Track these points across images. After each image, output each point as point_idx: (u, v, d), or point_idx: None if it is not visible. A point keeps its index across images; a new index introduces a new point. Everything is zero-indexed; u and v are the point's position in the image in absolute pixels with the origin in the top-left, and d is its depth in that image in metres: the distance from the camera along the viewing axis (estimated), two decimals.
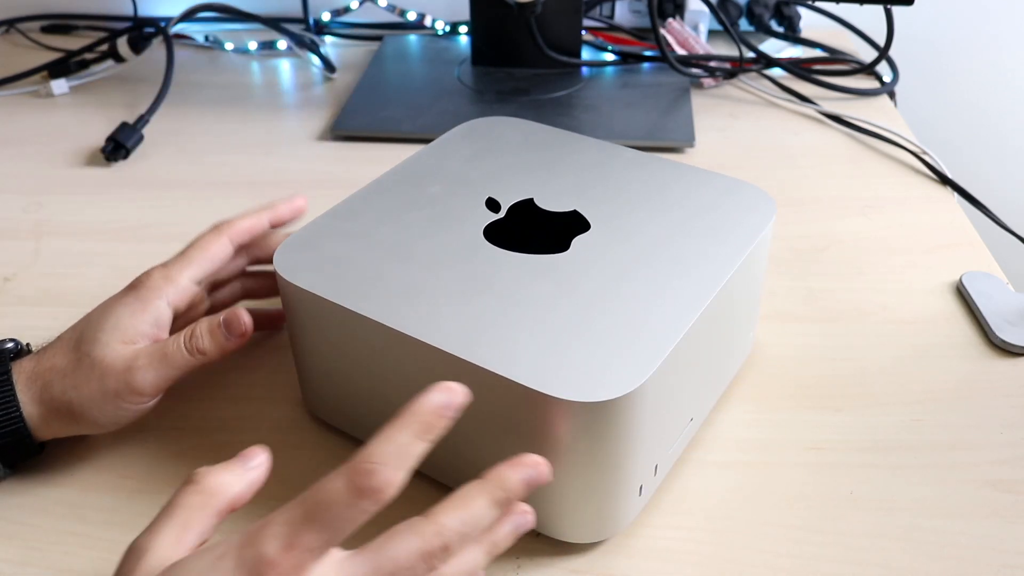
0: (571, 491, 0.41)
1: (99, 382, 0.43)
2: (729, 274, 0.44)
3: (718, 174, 0.52)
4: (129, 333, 0.45)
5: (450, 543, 0.34)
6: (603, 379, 0.38)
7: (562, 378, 0.38)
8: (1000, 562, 0.43)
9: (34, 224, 0.69)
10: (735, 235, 0.47)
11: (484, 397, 0.39)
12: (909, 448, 0.49)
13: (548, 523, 0.43)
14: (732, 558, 0.43)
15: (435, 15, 1.00)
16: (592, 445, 0.39)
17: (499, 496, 0.36)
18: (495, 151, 0.55)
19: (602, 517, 0.42)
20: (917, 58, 1.04)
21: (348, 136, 0.80)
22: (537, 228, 0.49)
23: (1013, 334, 0.56)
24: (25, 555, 0.44)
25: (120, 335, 0.44)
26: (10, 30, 1.02)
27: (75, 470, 0.48)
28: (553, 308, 0.42)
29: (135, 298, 0.46)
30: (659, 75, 0.90)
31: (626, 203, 0.50)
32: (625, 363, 0.38)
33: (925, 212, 0.70)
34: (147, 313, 0.45)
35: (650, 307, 0.42)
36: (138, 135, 0.77)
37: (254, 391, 0.53)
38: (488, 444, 0.41)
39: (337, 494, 0.32)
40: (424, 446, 0.34)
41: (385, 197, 0.50)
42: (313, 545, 0.32)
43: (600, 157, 0.54)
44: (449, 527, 0.34)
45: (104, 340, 0.44)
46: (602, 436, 0.38)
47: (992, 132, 1.13)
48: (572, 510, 0.42)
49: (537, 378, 0.38)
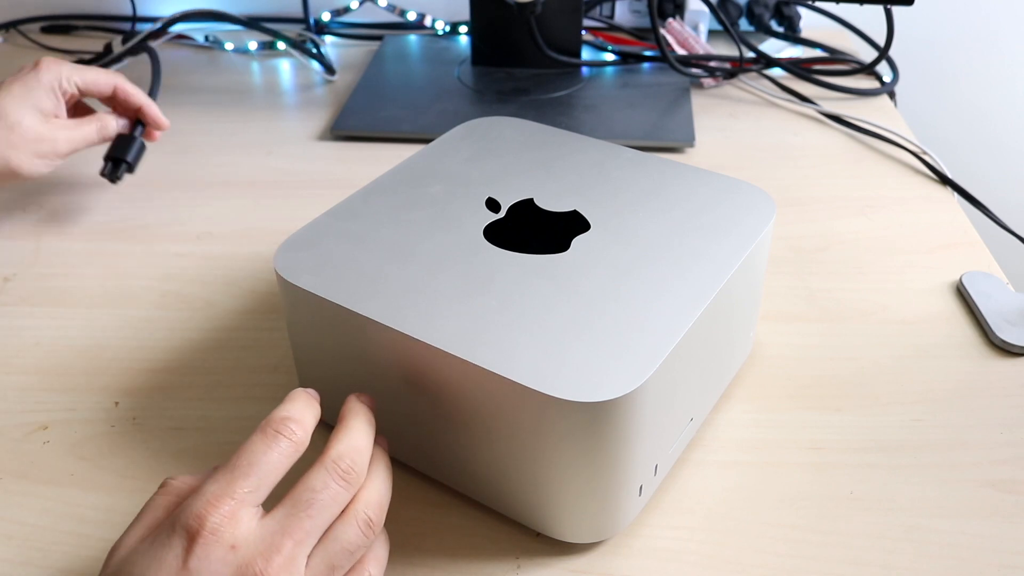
0: (571, 491, 0.41)
1: (34, 144, 0.62)
2: (729, 274, 0.44)
3: (718, 174, 0.52)
4: (43, 108, 0.62)
5: (350, 465, 0.37)
6: (603, 379, 0.38)
7: (562, 378, 0.38)
8: (1000, 562, 0.43)
9: (34, 224, 0.69)
10: (735, 235, 0.47)
11: (484, 397, 0.39)
12: (909, 448, 0.49)
13: (548, 523, 0.43)
14: (732, 558, 0.43)
15: (435, 15, 1.00)
16: (592, 445, 0.39)
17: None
18: (495, 151, 0.55)
19: (602, 517, 0.42)
20: (917, 58, 1.04)
21: (348, 136, 0.80)
22: (537, 228, 0.49)
23: (1013, 334, 0.56)
24: (25, 555, 0.44)
25: (36, 110, 0.62)
26: (10, 31, 1.02)
27: (75, 470, 0.48)
28: (553, 308, 0.42)
29: (37, 82, 0.63)
30: (659, 75, 0.90)
31: (626, 203, 0.50)
32: (625, 363, 0.38)
33: (925, 212, 0.70)
34: (49, 97, 0.63)
35: (650, 307, 0.42)
36: (138, 144, 0.68)
37: (254, 391, 0.53)
38: (487, 444, 0.41)
39: (254, 444, 0.36)
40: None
41: (385, 197, 0.50)
42: (240, 493, 0.34)
43: (600, 157, 0.54)
44: (339, 451, 0.37)
45: (28, 115, 0.62)
46: (602, 436, 0.38)
47: (992, 132, 1.13)
48: (572, 510, 0.42)
49: (537, 378, 0.38)
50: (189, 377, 0.54)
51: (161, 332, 0.58)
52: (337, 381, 0.46)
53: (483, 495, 0.45)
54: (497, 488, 0.43)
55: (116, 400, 0.53)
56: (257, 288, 0.61)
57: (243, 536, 0.34)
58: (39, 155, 0.62)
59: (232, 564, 0.33)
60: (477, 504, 0.46)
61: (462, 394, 0.40)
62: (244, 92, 0.90)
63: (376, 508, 0.37)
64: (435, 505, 0.46)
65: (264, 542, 0.34)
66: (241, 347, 0.56)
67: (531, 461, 0.40)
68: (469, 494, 0.45)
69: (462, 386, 0.40)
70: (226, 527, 0.33)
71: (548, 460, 0.40)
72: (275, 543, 0.34)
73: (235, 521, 0.34)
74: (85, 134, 0.64)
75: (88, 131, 0.65)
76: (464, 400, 0.41)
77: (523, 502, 0.43)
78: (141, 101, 0.67)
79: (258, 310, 0.59)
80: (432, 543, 0.44)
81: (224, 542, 0.33)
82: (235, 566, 0.33)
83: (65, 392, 0.53)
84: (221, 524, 0.33)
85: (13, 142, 0.60)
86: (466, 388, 0.40)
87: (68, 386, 0.53)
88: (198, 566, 0.33)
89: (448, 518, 0.45)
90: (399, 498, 0.46)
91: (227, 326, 0.58)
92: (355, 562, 0.37)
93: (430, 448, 0.45)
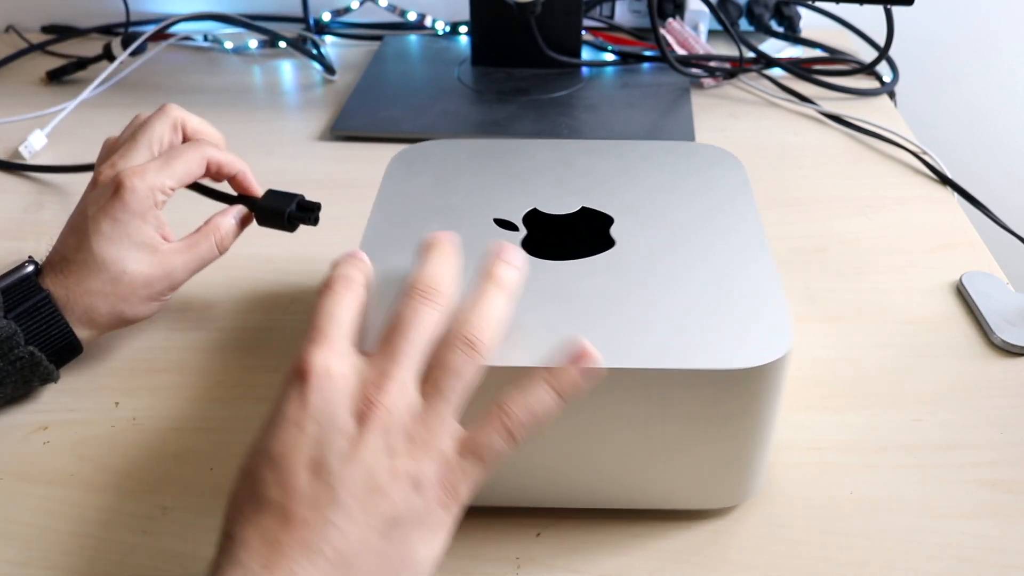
0: (720, 459, 0.42)
1: (145, 290, 0.51)
2: (760, 225, 0.47)
3: (670, 142, 0.56)
4: (145, 241, 0.51)
5: (429, 285, 0.38)
6: (755, 343, 0.40)
7: (721, 351, 0.39)
8: (1000, 562, 0.43)
9: (34, 224, 0.69)
10: (735, 193, 0.50)
11: (646, 395, 0.40)
12: (909, 448, 0.49)
13: (685, 496, 0.44)
14: (732, 558, 0.43)
15: (435, 15, 1.00)
16: (749, 409, 0.41)
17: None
18: (452, 175, 0.53)
19: (745, 481, 0.44)
20: (917, 58, 1.04)
21: (348, 136, 0.80)
22: (558, 234, 0.48)
23: (1013, 334, 0.56)
24: (25, 555, 0.44)
25: (138, 246, 0.51)
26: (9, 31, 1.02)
27: (75, 470, 0.48)
28: (659, 296, 0.42)
29: (128, 213, 0.50)
30: (659, 75, 0.90)
31: (618, 188, 0.51)
32: (763, 329, 0.40)
33: (925, 212, 0.70)
34: (147, 223, 0.51)
35: (735, 274, 0.44)
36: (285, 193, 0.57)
37: (254, 391, 0.53)
38: (640, 440, 0.42)
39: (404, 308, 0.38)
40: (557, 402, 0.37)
41: (389, 242, 0.47)
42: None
43: (556, 155, 0.55)
44: (417, 277, 0.38)
45: (131, 256, 0.50)
46: (754, 400, 0.40)
47: (992, 132, 1.13)
48: (712, 479, 0.43)
49: (702, 358, 0.39)
50: (189, 377, 0.54)
51: (161, 332, 0.58)
52: None
53: (614, 497, 0.45)
54: (634, 481, 0.44)
55: (116, 400, 0.53)
56: (257, 288, 0.61)
57: (350, 369, 0.36)
58: (152, 297, 0.52)
59: (345, 393, 0.35)
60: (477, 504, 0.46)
61: (624, 399, 0.40)
62: (244, 92, 0.90)
63: (476, 327, 0.37)
64: None
65: (372, 370, 0.36)
66: (241, 347, 0.56)
67: (693, 437, 0.41)
68: (598, 504, 0.45)
69: (626, 391, 0.40)
70: (334, 365, 0.36)
71: (692, 431, 0.41)
72: (383, 369, 0.36)
73: (339, 357, 0.36)
74: (202, 255, 0.53)
75: (204, 249, 0.53)
76: (622, 405, 0.40)
77: (661, 486, 0.44)
78: (238, 168, 0.55)
79: (258, 310, 0.59)
80: None
81: (334, 376, 0.35)
82: (348, 395, 0.35)
83: (65, 392, 0.53)
84: (329, 362, 0.35)
85: (121, 294, 0.50)
86: (631, 392, 0.40)
87: (68, 386, 0.53)
88: (314, 399, 0.35)
89: None
90: None
91: (227, 326, 0.58)
92: (467, 387, 0.37)
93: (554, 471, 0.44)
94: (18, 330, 0.48)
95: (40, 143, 0.79)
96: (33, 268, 0.51)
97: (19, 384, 0.50)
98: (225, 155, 0.55)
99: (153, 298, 0.52)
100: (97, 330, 0.51)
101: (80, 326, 0.50)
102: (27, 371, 0.49)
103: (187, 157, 0.53)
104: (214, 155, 0.54)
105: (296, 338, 0.57)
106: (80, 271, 0.50)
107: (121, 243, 0.50)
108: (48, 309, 0.49)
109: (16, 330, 0.48)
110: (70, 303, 0.50)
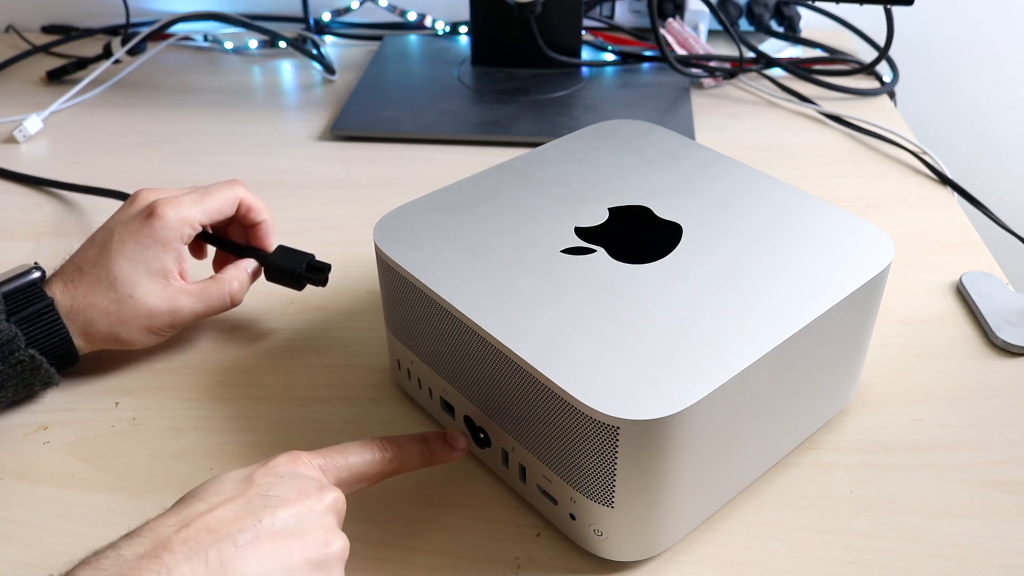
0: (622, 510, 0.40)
1: (146, 319, 0.51)
2: (821, 311, 0.42)
3: (839, 208, 0.50)
4: (160, 272, 0.51)
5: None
6: (651, 398, 0.37)
7: (609, 395, 0.37)
8: (1000, 562, 0.43)
9: (34, 224, 0.69)
10: (839, 272, 0.45)
11: (530, 394, 0.40)
12: (909, 448, 0.49)
13: (593, 542, 0.42)
14: (732, 558, 0.43)
15: (435, 15, 1.00)
16: (640, 464, 0.38)
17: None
18: (615, 154, 0.55)
19: (648, 536, 0.42)
20: (917, 58, 1.04)
21: (348, 136, 0.80)
22: (636, 236, 0.48)
23: (1013, 334, 0.56)
24: (25, 555, 0.44)
25: (152, 275, 0.51)
26: (9, 31, 1.02)
27: (75, 470, 0.48)
28: (620, 320, 0.41)
29: (153, 238, 0.51)
30: (659, 75, 0.90)
31: (734, 223, 0.48)
32: (676, 384, 0.38)
33: (925, 212, 0.70)
34: (168, 253, 0.51)
35: (720, 332, 0.41)
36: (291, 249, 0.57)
37: (253, 391, 0.53)
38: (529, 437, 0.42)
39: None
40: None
41: (487, 188, 0.51)
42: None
43: (719, 171, 0.53)
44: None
45: (143, 283, 0.51)
46: (651, 456, 0.38)
47: (992, 132, 1.13)
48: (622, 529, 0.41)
49: (576, 386, 0.38)
50: (189, 377, 0.54)
51: None
52: (414, 351, 0.49)
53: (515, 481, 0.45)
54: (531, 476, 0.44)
55: (116, 400, 0.53)
56: (256, 288, 0.61)
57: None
58: (152, 330, 0.52)
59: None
60: (477, 504, 0.46)
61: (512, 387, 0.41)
62: (244, 92, 0.90)
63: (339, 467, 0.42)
64: (435, 505, 0.46)
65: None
66: (242, 347, 0.56)
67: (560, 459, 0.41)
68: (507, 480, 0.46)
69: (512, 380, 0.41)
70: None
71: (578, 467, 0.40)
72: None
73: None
74: (211, 303, 0.53)
75: (215, 298, 0.53)
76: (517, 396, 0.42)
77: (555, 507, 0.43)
78: (264, 216, 0.56)
79: (257, 311, 0.59)
80: (432, 543, 0.44)
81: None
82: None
83: (65, 392, 0.53)
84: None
85: (122, 316, 0.50)
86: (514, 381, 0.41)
87: (68, 386, 0.53)
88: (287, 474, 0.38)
89: (448, 518, 0.45)
90: (400, 498, 0.46)
91: (227, 326, 0.58)
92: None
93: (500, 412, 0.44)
94: (19, 333, 0.48)
95: (35, 127, 0.80)
96: (39, 275, 0.51)
97: (20, 387, 0.50)
98: (256, 200, 0.55)
99: (153, 331, 0.52)
100: (91, 344, 0.51)
101: (76, 337, 0.50)
102: (28, 375, 0.49)
103: (222, 195, 0.54)
104: (247, 197, 0.55)
105: (296, 338, 0.57)
106: (90, 284, 0.50)
107: (138, 267, 0.50)
108: (50, 316, 0.49)
109: (17, 333, 0.48)
110: (72, 313, 0.50)
